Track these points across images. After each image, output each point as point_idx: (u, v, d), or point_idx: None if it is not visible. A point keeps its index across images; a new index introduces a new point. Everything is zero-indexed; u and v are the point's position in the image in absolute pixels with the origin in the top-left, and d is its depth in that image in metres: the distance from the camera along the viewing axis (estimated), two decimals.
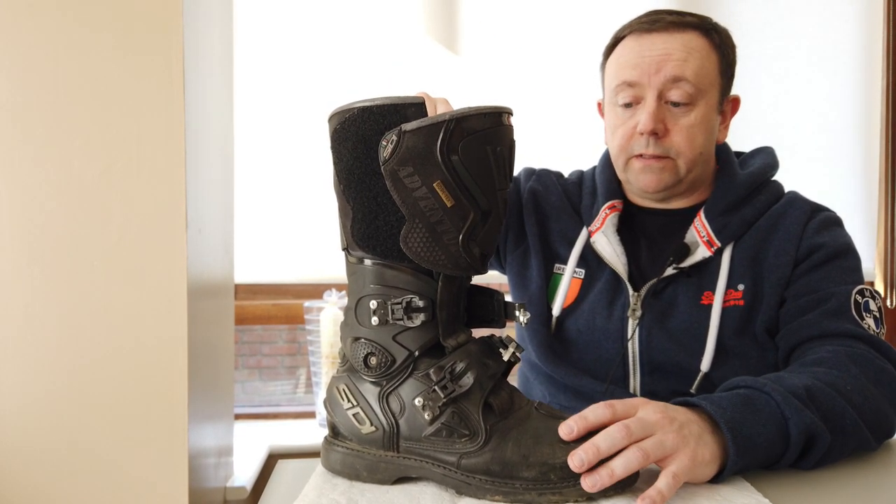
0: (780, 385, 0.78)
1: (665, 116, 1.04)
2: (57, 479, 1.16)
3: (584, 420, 0.68)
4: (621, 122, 1.07)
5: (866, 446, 0.84)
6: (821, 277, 1.02)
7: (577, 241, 1.14)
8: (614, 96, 1.08)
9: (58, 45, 1.15)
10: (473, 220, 0.67)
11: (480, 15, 2.05)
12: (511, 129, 0.70)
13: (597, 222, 1.13)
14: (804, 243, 1.04)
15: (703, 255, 1.05)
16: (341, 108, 0.69)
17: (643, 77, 1.03)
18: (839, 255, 1.03)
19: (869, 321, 0.97)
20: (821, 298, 1.00)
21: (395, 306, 0.69)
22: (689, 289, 1.06)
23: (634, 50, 1.05)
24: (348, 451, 0.74)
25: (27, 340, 1.15)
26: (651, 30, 1.04)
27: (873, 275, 2.19)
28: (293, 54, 1.99)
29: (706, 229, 1.07)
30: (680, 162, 1.06)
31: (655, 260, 1.10)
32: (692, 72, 1.02)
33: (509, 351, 0.72)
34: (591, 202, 1.16)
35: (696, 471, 0.69)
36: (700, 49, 1.04)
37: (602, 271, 1.11)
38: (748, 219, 1.07)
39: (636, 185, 1.09)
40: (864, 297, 1.00)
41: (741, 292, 1.04)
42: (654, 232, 1.13)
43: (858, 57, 2.15)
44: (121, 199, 1.16)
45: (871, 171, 2.16)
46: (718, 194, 1.09)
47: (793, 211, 1.07)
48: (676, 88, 1.02)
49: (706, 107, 1.05)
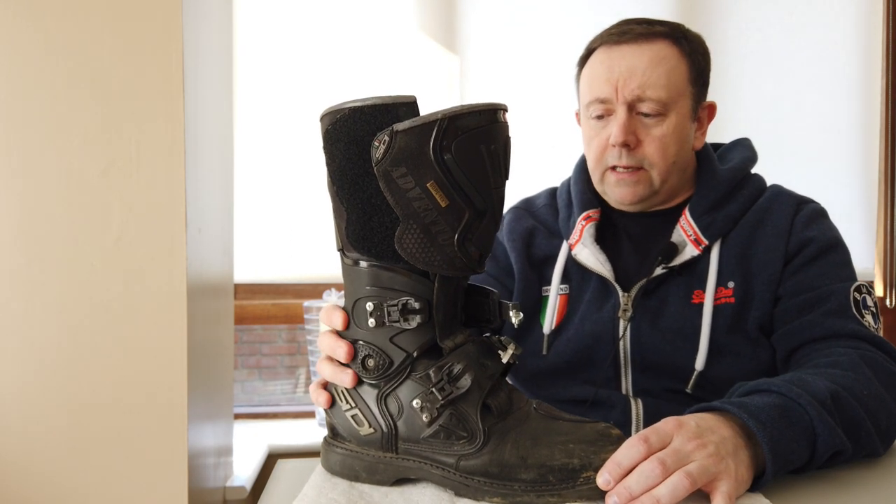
0: (810, 395, 0.77)
1: (636, 128, 1.05)
2: (57, 479, 1.16)
3: (618, 467, 0.64)
4: (595, 133, 1.09)
5: (874, 453, 0.84)
6: (816, 274, 1.02)
7: (559, 258, 1.14)
8: (587, 110, 1.09)
9: (58, 46, 1.15)
10: (469, 220, 0.67)
11: (477, 13, 2.05)
12: (506, 125, 0.69)
13: (575, 234, 1.13)
14: (793, 238, 1.04)
15: (691, 254, 1.06)
16: (332, 108, 0.68)
17: (612, 92, 1.05)
18: (830, 249, 1.03)
19: (868, 318, 0.98)
20: (819, 297, 0.99)
21: (391, 308, 0.68)
22: (679, 288, 1.06)
23: (604, 63, 1.06)
24: (347, 452, 0.74)
25: (27, 340, 1.15)
26: (620, 41, 1.06)
27: (873, 274, 2.19)
28: (293, 54, 1.99)
29: (692, 228, 1.07)
30: (654, 173, 1.06)
31: (643, 261, 1.10)
32: (662, 82, 1.03)
33: (508, 352, 0.71)
34: (567, 214, 1.17)
35: (739, 490, 0.67)
36: (669, 58, 1.05)
37: (588, 281, 1.12)
38: (734, 214, 1.07)
39: (612, 197, 1.11)
40: (861, 294, 1.00)
41: (732, 290, 1.04)
42: (638, 233, 1.13)
43: (858, 57, 2.14)
44: (121, 199, 1.16)
45: (871, 171, 2.16)
46: (702, 192, 1.09)
47: (779, 205, 1.07)
48: (646, 100, 1.04)
49: (678, 116, 1.06)
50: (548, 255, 1.16)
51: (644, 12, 2.03)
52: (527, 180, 1.44)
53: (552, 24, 2.05)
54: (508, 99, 1.08)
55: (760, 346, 1.03)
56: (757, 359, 1.03)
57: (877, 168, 2.17)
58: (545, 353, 1.11)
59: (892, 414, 0.85)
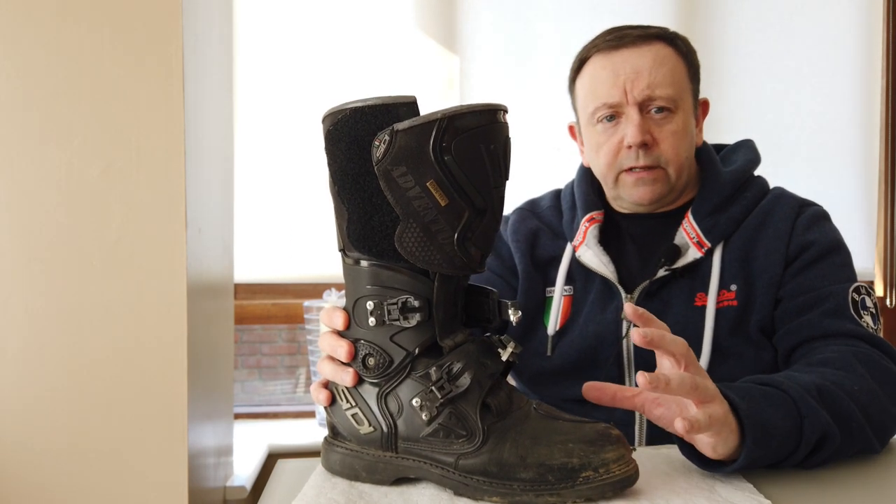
0: (794, 382, 0.79)
1: (650, 127, 1.06)
2: (57, 479, 1.16)
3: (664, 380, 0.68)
4: (605, 138, 1.08)
5: (869, 449, 0.84)
6: (816, 276, 1.02)
7: (563, 259, 1.15)
8: (592, 117, 1.09)
9: (57, 45, 1.15)
10: (468, 219, 0.67)
11: (477, 13, 2.05)
12: (506, 126, 0.70)
13: (579, 236, 1.13)
14: (794, 241, 1.04)
15: (693, 257, 1.06)
16: (333, 109, 0.69)
17: (622, 95, 1.05)
18: (831, 252, 1.04)
19: (867, 319, 0.98)
20: (818, 298, 0.99)
21: (391, 307, 0.69)
22: (682, 291, 1.06)
23: (607, 69, 1.07)
24: (347, 451, 0.74)
25: (27, 340, 1.15)
26: (619, 46, 1.06)
27: (873, 274, 2.19)
28: (293, 54, 1.99)
29: (695, 230, 1.07)
30: (670, 170, 1.07)
31: (646, 263, 1.11)
32: (668, 81, 1.05)
33: (508, 350, 0.72)
34: (571, 217, 1.17)
35: (722, 432, 0.70)
36: (669, 58, 1.06)
37: (592, 282, 1.12)
38: (736, 217, 1.08)
39: (629, 199, 1.10)
40: (860, 295, 1.00)
41: (734, 292, 1.04)
42: (642, 235, 1.14)
43: (858, 57, 2.14)
44: (121, 199, 1.16)
45: (871, 171, 2.16)
46: (705, 194, 1.09)
47: (780, 208, 1.08)
48: (657, 99, 1.05)
49: (684, 112, 1.08)
50: (552, 257, 1.16)
51: (644, 13, 2.05)
52: (528, 181, 1.45)
53: (552, 24, 2.05)
54: (508, 99, 1.08)
55: (763, 348, 1.03)
56: (759, 361, 1.03)
57: (877, 168, 2.17)
58: (549, 354, 1.11)
59: (886, 409, 0.85)
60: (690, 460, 0.75)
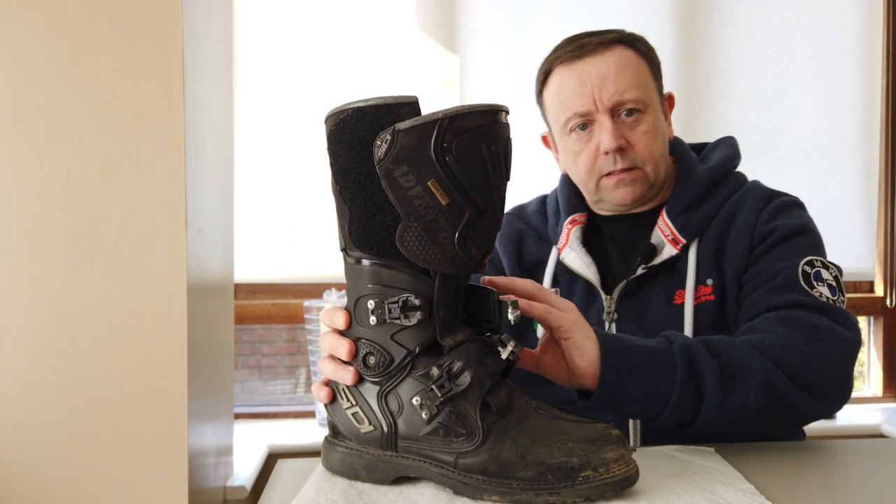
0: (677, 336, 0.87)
1: (623, 131, 1.07)
2: (57, 479, 1.16)
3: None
4: (581, 147, 1.10)
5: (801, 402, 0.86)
6: (774, 257, 1.02)
7: (548, 262, 1.16)
8: (565, 127, 1.11)
9: (57, 45, 1.15)
10: (469, 218, 0.67)
11: (477, 13, 2.04)
12: (507, 126, 0.70)
13: (562, 239, 1.15)
14: (758, 229, 1.05)
15: (669, 254, 1.07)
16: (336, 109, 0.69)
17: (591, 103, 1.07)
18: (794, 235, 1.03)
19: (822, 289, 0.96)
20: (770, 276, 0.99)
21: (391, 305, 0.69)
22: (661, 289, 1.07)
23: (572, 79, 1.08)
24: (347, 450, 0.74)
25: (27, 340, 1.15)
26: (581, 55, 1.08)
27: (873, 274, 2.19)
28: (293, 54, 1.99)
29: (669, 228, 1.08)
30: (648, 169, 1.09)
31: (627, 263, 1.12)
32: (634, 83, 1.06)
33: (508, 349, 0.72)
34: (555, 221, 1.19)
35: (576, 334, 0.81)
36: (632, 60, 1.08)
37: (576, 285, 1.13)
38: (710, 213, 1.09)
39: (612, 201, 1.12)
40: (813, 268, 0.98)
41: (710, 287, 1.05)
42: (621, 236, 1.15)
43: (858, 57, 2.14)
44: (121, 199, 1.16)
45: (871, 171, 2.16)
46: (679, 192, 1.10)
47: (749, 199, 1.08)
48: (626, 102, 1.06)
49: (654, 111, 1.09)
50: (538, 260, 1.18)
51: (644, 12, 2.04)
52: (529, 181, 1.45)
53: (552, 24, 2.05)
54: (508, 99, 1.09)
55: None
56: None
57: (877, 168, 2.17)
58: None
59: (812, 363, 0.87)
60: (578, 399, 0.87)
